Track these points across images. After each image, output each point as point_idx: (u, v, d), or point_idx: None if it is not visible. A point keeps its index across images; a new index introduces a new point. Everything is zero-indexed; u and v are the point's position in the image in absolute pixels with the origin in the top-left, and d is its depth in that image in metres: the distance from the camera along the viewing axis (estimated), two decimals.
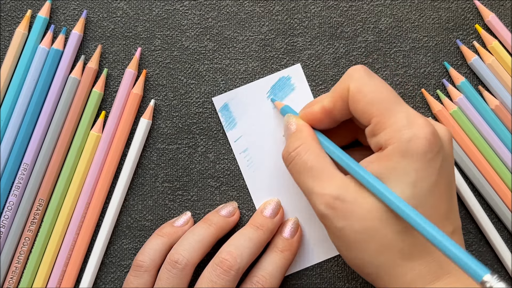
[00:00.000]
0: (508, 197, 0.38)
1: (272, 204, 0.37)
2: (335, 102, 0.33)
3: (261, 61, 0.39)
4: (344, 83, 0.32)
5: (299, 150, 0.33)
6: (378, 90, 0.31)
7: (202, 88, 0.39)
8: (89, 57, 0.39)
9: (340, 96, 0.32)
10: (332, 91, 0.33)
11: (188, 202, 0.39)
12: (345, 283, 0.39)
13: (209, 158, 0.39)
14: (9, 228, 0.38)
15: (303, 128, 0.34)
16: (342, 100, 0.32)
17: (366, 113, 0.31)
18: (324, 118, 0.34)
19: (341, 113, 0.33)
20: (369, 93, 0.31)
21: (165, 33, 0.39)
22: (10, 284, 0.38)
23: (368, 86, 0.31)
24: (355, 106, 0.32)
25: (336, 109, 0.33)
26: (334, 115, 0.33)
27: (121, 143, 0.38)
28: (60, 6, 0.39)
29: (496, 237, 0.38)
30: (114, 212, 0.38)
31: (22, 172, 0.38)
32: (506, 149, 0.38)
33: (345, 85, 0.32)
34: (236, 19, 0.39)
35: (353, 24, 0.39)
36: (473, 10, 0.39)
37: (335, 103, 0.33)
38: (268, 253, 0.36)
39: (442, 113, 0.38)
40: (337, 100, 0.33)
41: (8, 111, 0.38)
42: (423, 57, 0.39)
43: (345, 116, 0.33)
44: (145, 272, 0.35)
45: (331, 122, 0.34)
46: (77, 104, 0.38)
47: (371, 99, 0.31)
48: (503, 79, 0.38)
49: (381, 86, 0.31)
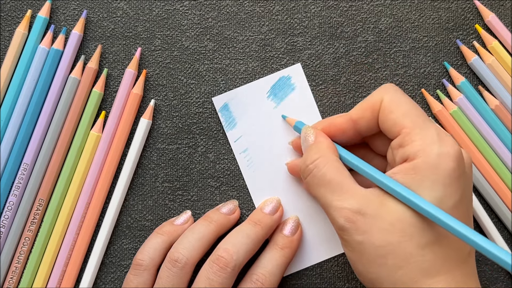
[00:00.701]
0: (508, 197, 0.38)
1: (272, 201, 0.38)
2: (364, 112, 0.33)
3: (261, 61, 0.39)
4: (377, 95, 0.33)
5: (318, 163, 0.32)
6: (411, 105, 0.32)
7: (202, 88, 0.39)
8: (89, 57, 0.39)
9: (370, 107, 0.33)
10: (361, 102, 0.33)
11: (188, 202, 0.39)
12: (345, 283, 0.39)
13: (209, 158, 0.39)
14: (9, 228, 0.38)
15: (322, 139, 0.34)
16: (372, 111, 0.33)
17: (397, 124, 0.31)
18: (348, 128, 0.34)
19: (367, 125, 0.33)
20: (403, 105, 0.32)
21: (165, 33, 0.39)
22: (10, 284, 0.37)
23: (402, 100, 0.32)
24: (387, 117, 0.32)
25: (364, 119, 0.33)
26: (359, 126, 0.33)
27: (121, 143, 0.38)
28: (60, 6, 0.39)
29: (497, 237, 0.38)
30: (114, 212, 0.38)
31: (22, 172, 0.38)
32: (506, 149, 0.38)
33: (378, 97, 0.33)
34: (236, 19, 0.39)
35: (353, 24, 0.39)
36: (473, 10, 0.39)
37: (364, 113, 0.33)
38: (268, 251, 0.36)
39: (442, 113, 0.38)
40: (366, 110, 0.33)
41: (8, 111, 0.38)
42: (423, 57, 0.39)
43: (369, 129, 0.33)
44: (144, 270, 0.35)
45: (354, 134, 0.34)
46: (77, 104, 0.38)
47: (405, 111, 0.31)
48: (503, 79, 0.38)
49: (413, 102, 0.32)
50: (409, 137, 0.31)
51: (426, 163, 0.29)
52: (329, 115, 0.39)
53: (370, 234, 0.30)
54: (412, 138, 0.30)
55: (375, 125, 0.33)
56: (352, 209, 0.30)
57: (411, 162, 0.30)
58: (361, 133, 0.34)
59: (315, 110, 0.39)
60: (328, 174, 0.32)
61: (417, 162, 0.30)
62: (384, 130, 0.33)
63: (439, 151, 0.30)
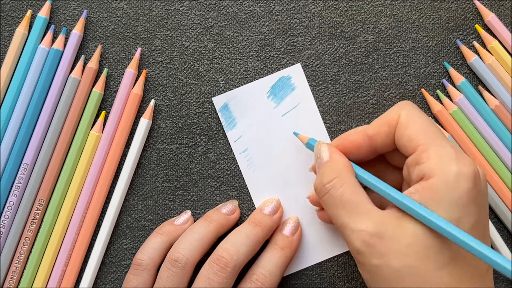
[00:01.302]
0: (508, 197, 0.38)
1: (272, 202, 0.38)
2: (380, 128, 0.33)
3: (261, 61, 0.39)
4: (394, 112, 0.32)
5: (335, 183, 0.32)
6: (427, 122, 0.31)
7: (202, 88, 0.39)
8: (89, 57, 0.39)
9: (387, 123, 0.32)
10: (378, 119, 0.33)
11: (188, 202, 0.39)
12: (345, 283, 0.39)
13: (209, 158, 0.39)
14: (9, 228, 0.38)
15: (338, 158, 0.33)
16: (388, 127, 0.32)
17: (414, 140, 0.31)
18: (363, 145, 0.33)
19: (383, 141, 0.33)
20: (419, 122, 0.31)
21: (165, 33, 0.39)
22: (10, 284, 0.38)
23: (419, 117, 0.32)
24: (403, 133, 0.31)
25: (380, 135, 0.33)
26: (375, 143, 0.33)
27: (121, 143, 0.38)
28: (60, 6, 0.39)
29: (497, 237, 0.38)
30: (114, 212, 0.38)
31: (22, 172, 0.38)
32: (506, 149, 0.38)
33: (395, 113, 0.32)
34: (236, 19, 0.39)
35: (353, 24, 0.39)
36: (473, 10, 0.39)
37: (380, 129, 0.33)
38: (268, 251, 0.36)
39: (442, 113, 0.38)
40: (382, 126, 0.33)
41: (8, 111, 0.38)
42: (423, 57, 0.39)
43: (385, 146, 0.33)
44: (144, 270, 0.35)
45: (369, 151, 0.34)
46: (77, 104, 0.38)
47: (421, 128, 0.31)
48: (503, 79, 0.38)
49: (430, 120, 0.32)
50: (425, 154, 0.30)
51: (444, 183, 0.29)
52: (329, 115, 0.39)
53: (387, 257, 0.29)
54: (429, 156, 0.30)
55: (391, 141, 0.33)
56: (369, 232, 0.30)
57: (428, 181, 0.30)
58: (376, 150, 0.34)
59: (315, 110, 0.39)
60: (346, 195, 0.31)
61: (434, 181, 0.29)
62: (399, 147, 0.32)
63: (457, 170, 0.29)
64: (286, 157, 0.39)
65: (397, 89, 0.39)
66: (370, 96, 0.39)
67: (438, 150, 0.30)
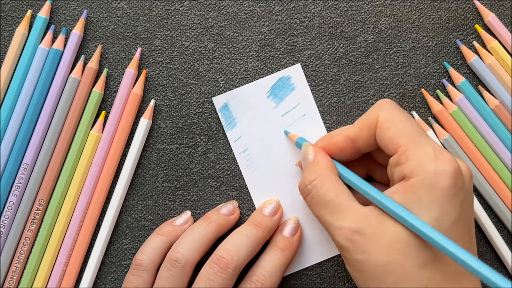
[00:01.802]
0: (508, 197, 0.38)
1: (272, 203, 0.38)
2: (361, 131, 0.33)
3: (261, 61, 0.39)
4: (373, 113, 0.33)
5: (316, 183, 0.32)
6: (407, 122, 0.32)
7: (202, 88, 0.39)
8: (89, 57, 0.39)
9: (367, 125, 0.33)
10: (359, 120, 0.33)
11: (188, 202, 0.39)
12: (345, 283, 0.39)
13: (209, 158, 0.39)
14: (9, 228, 0.38)
15: (320, 158, 0.34)
16: (369, 128, 0.33)
17: (393, 142, 0.31)
18: (346, 147, 0.34)
19: (365, 143, 0.33)
20: (398, 123, 0.32)
21: (165, 33, 0.39)
22: (10, 284, 0.38)
23: (398, 117, 0.32)
24: (383, 134, 0.32)
25: (361, 138, 0.33)
26: (357, 144, 0.33)
27: (121, 143, 0.38)
28: (60, 6, 0.39)
29: (497, 237, 0.38)
30: (114, 212, 0.38)
31: (22, 172, 0.38)
32: (506, 149, 0.38)
33: (374, 114, 0.32)
34: (236, 19, 0.39)
35: (353, 24, 0.39)
36: (473, 10, 0.39)
37: (361, 132, 0.33)
38: (268, 252, 0.36)
39: (442, 113, 0.38)
40: (363, 128, 0.33)
41: (8, 111, 0.38)
42: (423, 57, 0.39)
43: (367, 147, 0.33)
44: (144, 271, 0.35)
45: (353, 152, 0.34)
46: (77, 104, 0.38)
47: (400, 129, 0.31)
48: (503, 79, 0.38)
49: (410, 119, 0.32)
50: (405, 156, 0.31)
51: (423, 182, 0.29)
52: (329, 115, 0.39)
53: (369, 254, 0.30)
54: (408, 157, 0.30)
55: (373, 142, 0.33)
56: (351, 229, 0.30)
57: (408, 181, 0.30)
58: (360, 151, 0.34)
59: (315, 110, 0.39)
60: (327, 194, 0.32)
61: (414, 181, 0.30)
62: (382, 147, 0.32)
63: (435, 169, 0.29)
64: (286, 157, 0.39)
65: (397, 89, 0.39)
66: (370, 96, 0.39)
67: (417, 150, 0.30)
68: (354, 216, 0.31)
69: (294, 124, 0.39)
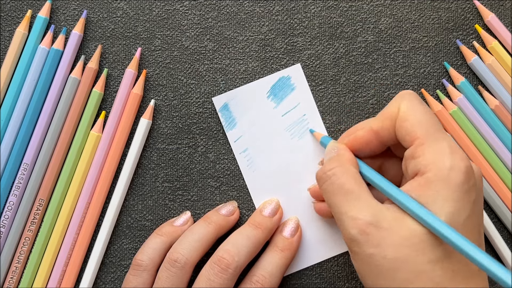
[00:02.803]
0: (508, 197, 0.38)
1: (272, 203, 0.38)
2: (383, 122, 0.33)
3: (261, 61, 0.39)
4: (395, 103, 0.33)
5: (336, 171, 0.32)
6: (426, 114, 0.32)
7: (202, 88, 0.39)
8: (89, 57, 0.39)
9: (389, 116, 0.33)
10: (381, 112, 0.33)
11: (188, 202, 0.39)
12: (345, 283, 0.39)
13: (209, 158, 0.39)
14: (9, 228, 0.38)
15: (343, 152, 0.34)
16: (390, 119, 0.33)
17: (411, 133, 0.31)
18: (371, 140, 0.34)
19: (388, 135, 0.33)
20: (418, 114, 0.32)
21: (165, 33, 0.39)
22: (10, 284, 0.38)
23: (418, 108, 0.32)
24: (402, 125, 0.32)
25: (384, 129, 0.33)
26: (381, 137, 0.33)
27: (121, 143, 0.38)
28: (60, 6, 0.39)
29: (497, 237, 0.38)
30: (114, 212, 0.38)
31: (22, 172, 0.38)
32: (506, 149, 0.38)
33: (396, 105, 0.33)
34: (236, 19, 0.39)
35: (353, 24, 0.39)
36: (473, 10, 0.39)
37: (383, 123, 0.33)
38: (268, 252, 0.36)
39: (442, 113, 0.38)
40: (385, 119, 0.33)
41: (8, 111, 0.38)
42: (423, 57, 0.39)
43: (391, 139, 0.33)
44: (144, 271, 0.35)
45: (378, 145, 0.34)
46: (77, 104, 0.38)
47: (419, 120, 0.31)
48: (503, 79, 0.38)
49: (429, 112, 0.32)
50: (421, 149, 0.31)
51: (438, 178, 0.29)
52: (329, 115, 0.39)
53: (382, 248, 0.29)
54: (424, 151, 0.30)
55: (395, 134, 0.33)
56: (367, 221, 0.30)
57: (423, 176, 0.30)
58: (385, 143, 0.34)
59: (315, 110, 0.39)
60: (347, 183, 0.31)
61: (429, 176, 0.30)
62: (399, 139, 0.32)
63: (450, 164, 0.29)
64: (286, 157, 0.39)
65: (397, 89, 0.39)
66: (370, 96, 0.39)
67: (432, 145, 0.30)
68: (371, 209, 0.30)
69: (294, 124, 0.39)
